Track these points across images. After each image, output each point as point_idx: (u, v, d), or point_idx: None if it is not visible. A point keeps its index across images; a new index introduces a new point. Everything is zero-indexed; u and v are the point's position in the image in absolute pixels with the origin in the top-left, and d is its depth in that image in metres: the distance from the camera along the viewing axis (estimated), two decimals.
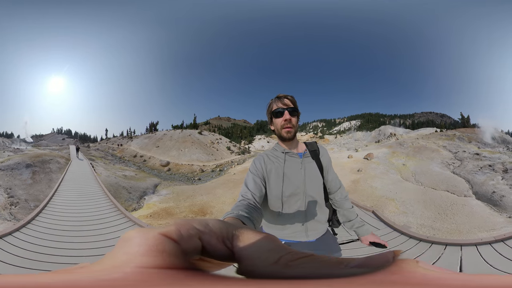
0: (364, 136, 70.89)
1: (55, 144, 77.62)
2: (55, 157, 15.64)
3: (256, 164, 1.22)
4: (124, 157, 32.03)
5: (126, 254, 0.16)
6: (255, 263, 0.17)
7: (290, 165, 1.22)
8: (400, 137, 40.98)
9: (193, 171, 24.79)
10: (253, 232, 0.21)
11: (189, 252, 0.18)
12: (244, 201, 0.96)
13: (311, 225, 1.25)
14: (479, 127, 34.26)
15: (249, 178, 1.15)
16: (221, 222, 0.22)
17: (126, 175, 15.64)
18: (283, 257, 0.17)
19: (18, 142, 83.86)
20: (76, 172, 13.03)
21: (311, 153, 1.28)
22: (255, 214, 0.85)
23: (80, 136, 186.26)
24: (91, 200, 7.28)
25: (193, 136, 37.57)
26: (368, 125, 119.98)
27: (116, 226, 4.79)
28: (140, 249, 0.16)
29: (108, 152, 35.90)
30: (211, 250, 0.19)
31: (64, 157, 17.81)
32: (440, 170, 12.84)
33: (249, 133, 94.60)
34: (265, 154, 1.26)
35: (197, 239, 0.19)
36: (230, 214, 0.77)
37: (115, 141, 47.29)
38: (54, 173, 12.42)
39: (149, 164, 28.14)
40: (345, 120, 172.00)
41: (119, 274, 0.14)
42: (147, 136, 41.93)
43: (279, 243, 0.19)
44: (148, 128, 67.44)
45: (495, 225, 6.81)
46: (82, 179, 11.00)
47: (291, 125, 1.19)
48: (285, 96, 1.20)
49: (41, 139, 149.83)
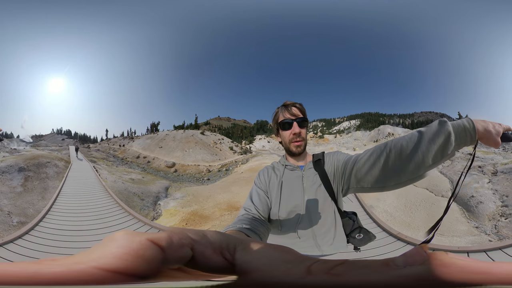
0: (364, 135, 71.44)
1: (55, 144, 75.59)
2: (53, 159, 13.71)
3: (260, 176, 1.14)
4: (126, 158, 30.48)
5: (100, 252, 0.16)
6: (272, 275, 0.16)
7: (288, 179, 1.09)
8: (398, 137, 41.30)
9: (200, 171, 24.19)
10: (260, 243, 0.20)
11: (173, 260, 0.17)
12: (248, 215, 0.92)
13: (322, 241, 1.06)
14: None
15: (253, 191, 1.09)
16: (221, 234, 0.21)
17: (133, 179, 14.09)
18: (313, 266, 0.16)
19: (17, 142, 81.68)
20: (78, 178, 11.15)
21: (314, 164, 1.09)
22: (261, 227, 0.82)
23: (80, 137, 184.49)
24: (102, 215, 5.80)
25: (196, 137, 37.17)
26: (368, 125, 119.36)
27: None
28: (118, 251, 0.16)
29: (109, 153, 34.64)
30: (203, 261, 0.18)
31: (63, 159, 15.82)
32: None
33: (250, 133, 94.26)
34: (271, 166, 1.18)
35: (188, 249, 0.18)
36: (232, 227, 0.73)
37: (115, 142, 46.67)
38: (51, 179, 10.46)
39: (153, 165, 27.01)
40: (344, 119, 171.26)
41: (69, 270, 0.14)
42: (149, 137, 41.33)
43: (296, 253, 0.18)
44: (149, 129, 66.67)
45: (453, 232, 6.34)
46: (86, 187, 9.26)
47: (301, 138, 1.06)
48: (293, 104, 1.07)
49: (40, 139, 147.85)
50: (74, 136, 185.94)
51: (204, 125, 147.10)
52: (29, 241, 4.04)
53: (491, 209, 7.55)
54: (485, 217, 7.29)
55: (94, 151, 32.89)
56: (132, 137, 48.05)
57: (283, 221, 1.04)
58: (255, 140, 77.29)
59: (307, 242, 1.07)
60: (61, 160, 15.05)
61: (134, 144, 37.25)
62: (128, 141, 41.67)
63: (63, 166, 13.81)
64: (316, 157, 1.11)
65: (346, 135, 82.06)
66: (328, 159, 1.10)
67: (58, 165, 13.40)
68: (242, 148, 40.44)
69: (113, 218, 5.58)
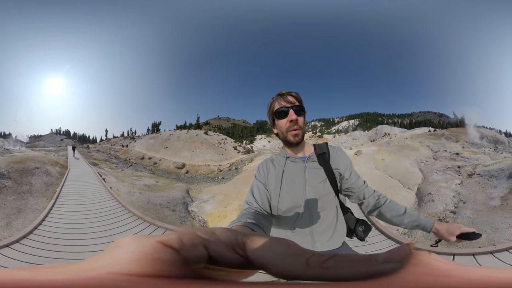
0: (362, 135, 71.30)
1: (53, 145, 72.01)
2: (44, 163, 10.85)
3: (259, 170, 1.08)
4: (130, 160, 27.64)
5: (110, 258, 0.15)
6: (284, 268, 0.16)
7: (289, 171, 1.02)
8: (394, 137, 40.60)
9: (211, 171, 23.21)
10: (266, 237, 0.20)
11: (192, 261, 0.16)
12: (251, 209, 0.90)
13: (319, 238, 1.02)
14: (466, 126, 36.16)
15: (254, 185, 1.03)
16: (229, 230, 0.20)
17: (148, 185, 11.81)
18: (311, 259, 0.16)
19: (13, 142, 77.70)
20: (78, 194, 7.58)
21: (318, 157, 1.03)
22: (264, 221, 0.82)
23: (79, 137, 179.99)
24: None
25: (200, 137, 35.71)
26: (366, 125, 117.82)
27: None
28: (132, 256, 0.15)
29: (110, 153, 31.81)
30: (220, 259, 0.18)
31: (58, 163, 12.91)
32: (408, 166, 13.80)
33: (250, 133, 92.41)
34: (270, 159, 1.11)
35: (202, 248, 0.17)
36: (237, 222, 0.72)
37: (116, 142, 44.67)
38: (35, 195, 7.09)
39: (161, 167, 24.75)
40: (343, 119, 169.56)
41: (82, 277, 0.13)
42: (152, 137, 39.60)
43: (298, 247, 0.18)
44: (150, 128, 63.97)
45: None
46: (90, 209, 5.92)
47: (298, 126, 0.99)
48: (288, 93, 1.00)
49: (39, 139, 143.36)
50: (73, 136, 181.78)
51: (204, 125, 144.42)
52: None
53: (436, 210, 7.51)
54: (424, 214, 7.40)
55: (94, 152, 29.95)
56: (133, 137, 46.17)
57: (282, 214, 1.00)
58: (256, 140, 76.15)
59: (303, 238, 1.01)
60: (55, 164, 12.02)
61: (136, 144, 35.24)
62: (130, 141, 39.58)
63: (57, 173, 10.63)
64: (320, 149, 1.06)
65: (345, 135, 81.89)
66: (335, 157, 1.05)
67: (51, 172, 10.32)
68: (244, 148, 39.52)
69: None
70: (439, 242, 1.00)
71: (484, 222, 5.71)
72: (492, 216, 5.97)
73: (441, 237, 0.92)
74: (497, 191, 7.39)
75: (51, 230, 4.45)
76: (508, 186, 7.34)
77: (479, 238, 0.89)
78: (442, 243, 1.18)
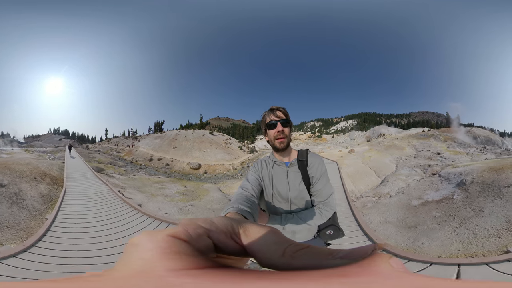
0: (360, 135, 70.64)
1: (51, 145, 67.13)
2: (23, 176, 7.19)
3: (255, 165, 1.24)
4: (136, 161, 23.97)
5: (141, 259, 0.14)
6: (267, 256, 0.16)
7: (276, 172, 1.21)
8: (388, 137, 41.42)
9: (227, 170, 23.35)
10: (257, 226, 0.20)
11: (203, 251, 0.16)
12: (246, 193, 0.95)
13: (297, 228, 1.18)
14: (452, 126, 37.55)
15: (249, 174, 1.18)
16: (226, 219, 0.20)
17: (181, 193, 9.71)
18: (287, 249, 0.16)
19: (10, 142, 72.27)
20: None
21: (298, 162, 1.21)
22: (254, 206, 0.86)
23: (78, 137, 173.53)
24: None
25: (207, 137, 34.61)
26: (364, 125, 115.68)
27: None
28: (153, 253, 0.14)
29: (113, 154, 27.99)
30: (223, 247, 0.18)
31: (48, 175, 8.27)
32: (387, 162, 15.57)
33: (251, 133, 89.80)
34: (263, 160, 1.27)
35: (207, 238, 0.17)
36: (231, 208, 0.75)
37: (117, 142, 40.86)
38: None
39: (175, 168, 22.44)
40: (342, 119, 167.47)
41: (154, 279, 0.12)
42: (157, 136, 36.35)
43: (281, 235, 0.19)
44: (153, 128, 60.27)
45: (362, 181, 11.16)
46: None
47: (284, 135, 1.17)
48: (277, 109, 1.19)
49: (37, 139, 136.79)
50: (72, 136, 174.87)
51: (205, 125, 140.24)
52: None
53: (381, 191, 8.98)
54: (372, 192, 9.35)
55: (96, 153, 26.04)
56: (136, 137, 42.87)
57: (271, 207, 1.18)
58: (257, 140, 73.59)
59: (285, 232, 1.14)
60: (43, 177, 7.79)
61: (140, 144, 32.35)
62: (133, 141, 36.43)
63: (41, 196, 6.13)
64: (301, 156, 1.21)
65: (343, 135, 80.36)
66: (312, 163, 1.19)
67: (28, 195, 5.90)
68: (248, 147, 39.04)
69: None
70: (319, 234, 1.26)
71: (386, 212, 6.08)
72: (397, 211, 6.13)
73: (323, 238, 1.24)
74: (434, 195, 6.92)
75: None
76: (446, 194, 6.52)
77: (343, 235, 1.26)
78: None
